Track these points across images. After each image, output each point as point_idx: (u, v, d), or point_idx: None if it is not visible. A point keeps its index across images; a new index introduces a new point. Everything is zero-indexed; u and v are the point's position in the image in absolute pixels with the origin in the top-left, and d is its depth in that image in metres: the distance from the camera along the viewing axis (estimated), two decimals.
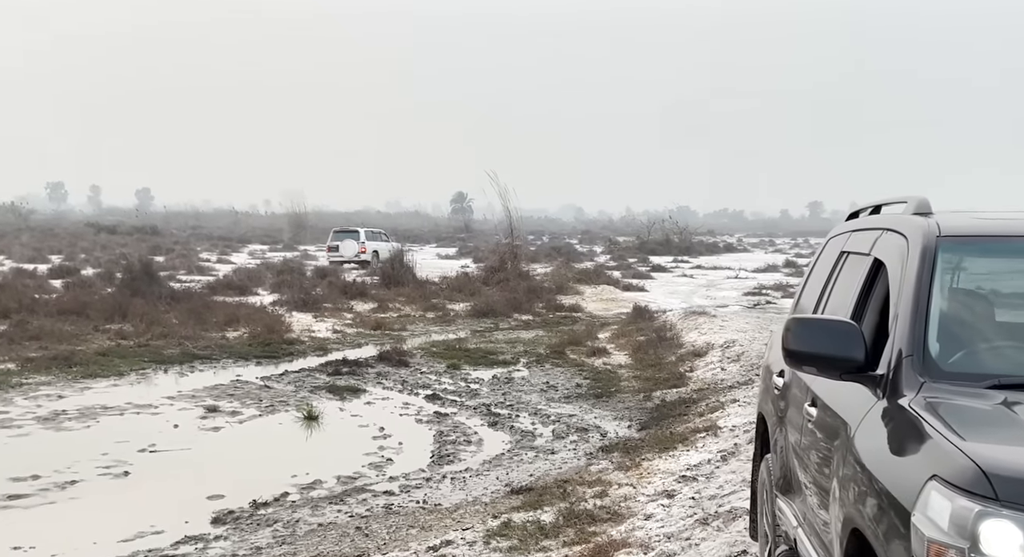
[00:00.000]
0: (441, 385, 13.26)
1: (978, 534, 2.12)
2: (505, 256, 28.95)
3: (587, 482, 7.98)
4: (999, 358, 3.01)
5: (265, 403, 11.79)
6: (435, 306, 22.89)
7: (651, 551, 5.83)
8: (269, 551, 6.69)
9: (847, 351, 3.02)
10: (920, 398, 2.74)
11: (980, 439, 2.37)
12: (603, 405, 11.90)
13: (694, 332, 16.52)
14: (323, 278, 28.23)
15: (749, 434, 8.66)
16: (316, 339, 17.55)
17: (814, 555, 3.45)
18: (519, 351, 16.35)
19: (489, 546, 6.53)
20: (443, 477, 8.66)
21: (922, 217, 3.41)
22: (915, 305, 3.01)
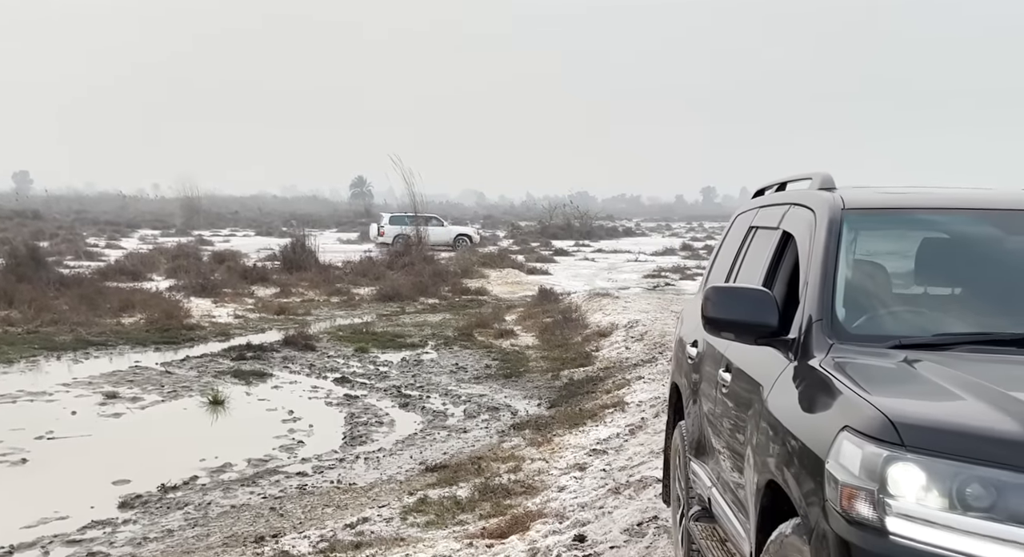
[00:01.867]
0: (350, 368, 13.21)
1: (886, 477, 2.31)
2: (410, 240, 28.83)
3: (500, 458, 8.13)
4: (898, 321, 3.24)
5: (167, 389, 11.54)
6: (339, 291, 22.69)
7: (566, 520, 6.01)
8: (181, 533, 6.61)
9: (762, 317, 3.21)
10: (829, 358, 2.94)
11: (886, 393, 2.57)
12: (513, 385, 12.08)
13: (598, 313, 16.86)
14: (221, 263, 27.66)
15: (655, 409, 8.98)
16: (217, 324, 17.21)
17: (728, 511, 3.65)
18: (427, 334, 16.39)
19: (406, 522, 6.62)
20: (356, 457, 8.68)
21: (827, 192, 3.63)
22: (823, 273, 3.21)
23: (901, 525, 2.28)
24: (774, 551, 2.83)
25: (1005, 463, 2.22)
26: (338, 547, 6.05)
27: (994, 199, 3.64)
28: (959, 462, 2.26)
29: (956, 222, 3.47)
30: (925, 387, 2.64)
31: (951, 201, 3.61)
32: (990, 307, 3.19)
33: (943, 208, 3.54)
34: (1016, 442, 2.25)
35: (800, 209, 3.70)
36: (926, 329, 3.12)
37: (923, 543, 2.25)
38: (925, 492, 2.27)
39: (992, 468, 2.22)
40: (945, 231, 3.49)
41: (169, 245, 37.23)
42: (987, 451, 2.25)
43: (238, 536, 6.49)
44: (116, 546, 6.34)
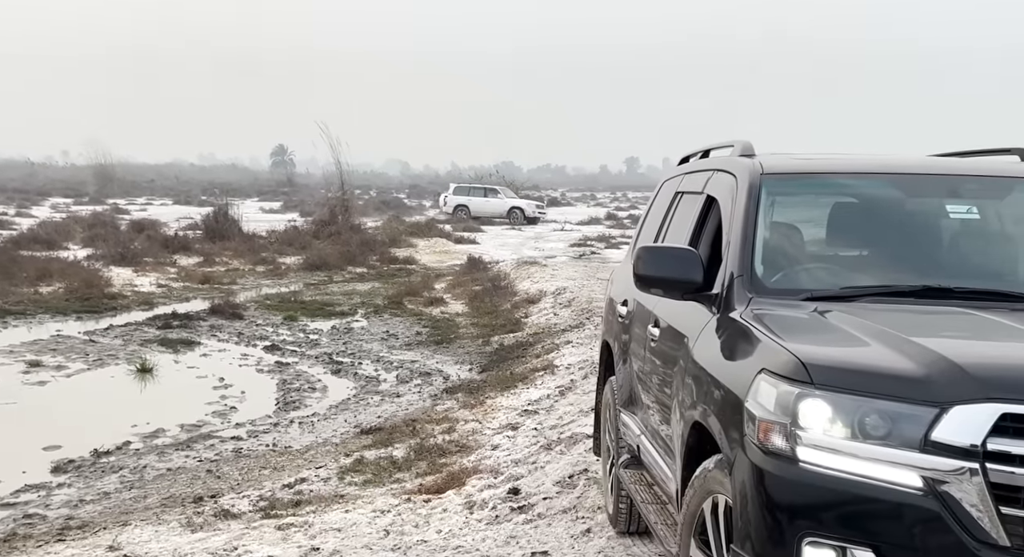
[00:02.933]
0: (279, 336, 13.25)
1: (797, 411, 2.60)
2: (336, 209, 28.70)
3: (435, 420, 8.35)
4: (811, 276, 3.55)
5: (92, 357, 11.46)
6: (265, 260, 22.56)
7: (500, 475, 6.28)
8: (118, 495, 6.70)
9: (688, 274, 3.48)
10: (749, 310, 3.23)
11: (799, 339, 2.86)
12: (444, 351, 12.30)
13: (527, 281, 17.15)
14: (140, 232, 27.16)
15: (584, 371, 9.30)
16: (140, 293, 17.04)
17: (656, 456, 3.95)
18: (356, 302, 16.48)
19: (344, 481, 6.81)
20: (291, 422, 8.81)
21: (748, 158, 3.91)
22: (743, 234, 3.50)
23: (809, 453, 2.57)
24: (698, 485, 3.11)
25: (899, 396, 2.52)
26: (278, 505, 6.22)
27: (899, 164, 3.97)
28: (860, 397, 2.55)
29: (865, 186, 3.78)
30: (833, 333, 2.94)
31: (861, 166, 3.93)
32: (893, 263, 3.51)
33: (853, 173, 3.85)
34: (909, 378, 2.55)
35: (723, 174, 3.97)
36: (835, 283, 3.43)
37: (828, 468, 2.55)
38: (831, 424, 2.57)
39: (888, 401, 2.52)
40: (854, 194, 3.80)
41: (83, 214, 36.36)
42: (884, 387, 2.55)
43: (176, 497, 6.60)
44: (52, 508, 6.40)
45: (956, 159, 4.09)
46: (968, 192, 3.69)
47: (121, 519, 6.02)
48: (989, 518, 2.40)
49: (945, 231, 3.66)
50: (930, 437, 2.46)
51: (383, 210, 42.60)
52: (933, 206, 3.68)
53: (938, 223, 3.67)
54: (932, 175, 3.76)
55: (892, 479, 2.48)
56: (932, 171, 3.81)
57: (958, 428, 2.44)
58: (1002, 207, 3.70)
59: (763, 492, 2.65)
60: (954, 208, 3.63)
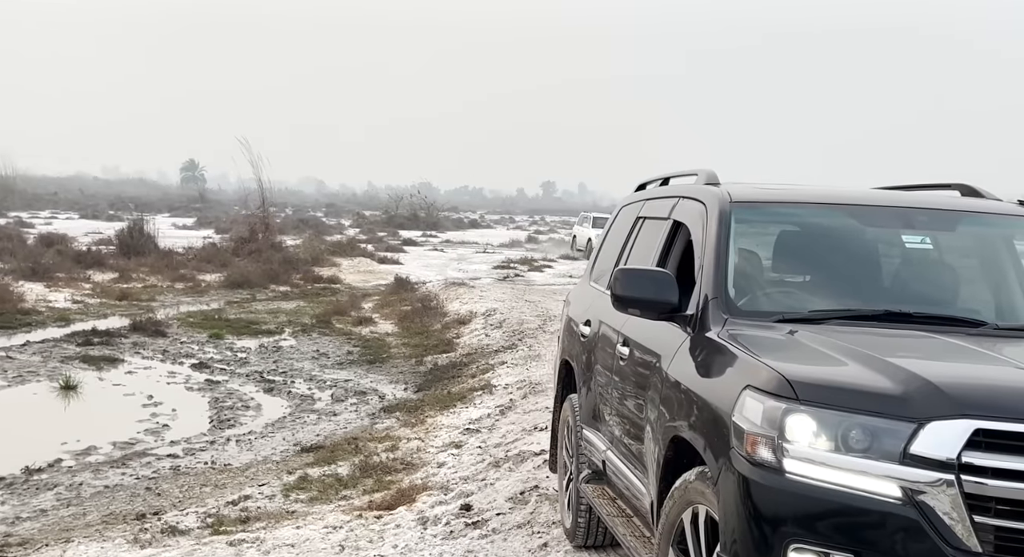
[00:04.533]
0: (206, 354, 13.02)
1: (784, 425, 2.76)
2: (256, 227, 28.28)
3: (376, 438, 8.35)
4: (778, 300, 3.74)
5: (12, 374, 11.08)
6: (183, 277, 22.09)
7: (451, 492, 6.33)
8: (56, 513, 6.53)
9: (664, 295, 3.64)
10: (725, 331, 3.39)
11: (780, 357, 3.03)
12: (377, 370, 12.27)
13: (456, 302, 17.21)
14: (50, 246, 26.31)
15: (522, 391, 9.42)
16: (55, 309, 16.50)
17: (624, 470, 4.07)
18: (283, 321, 16.28)
19: (289, 498, 6.77)
20: (227, 440, 8.69)
21: (714, 186, 4.11)
22: (716, 258, 3.67)
23: (796, 465, 2.73)
24: (678, 496, 3.25)
25: (879, 412, 2.71)
26: (225, 521, 6.15)
27: (858, 196, 4.22)
28: (843, 412, 2.73)
29: (826, 215, 4.01)
30: (809, 353, 3.12)
31: (822, 197, 4.16)
32: (856, 288, 3.74)
33: (815, 203, 4.08)
34: (888, 395, 2.74)
35: (690, 202, 4.16)
36: (803, 306, 3.63)
37: (813, 478, 2.71)
38: (815, 437, 2.74)
39: (869, 417, 2.71)
40: (817, 223, 4.02)
41: None
42: (865, 403, 2.73)
43: (117, 514, 6.46)
44: None
45: (909, 193, 4.37)
46: (921, 223, 3.95)
47: (63, 536, 5.88)
48: (963, 526, 2.59)
49: (902, 259, 3.92)
50: (908, 450, 2.64)
51: (301, 228, 42.05)
52: (890, 236, 3.93)
53: (895, 252, 3.92)
54: (889, 207, 4.01)
55: (873, 489, 2.65)
56: (889, 203, 4.07)
57: (935, 442, 2.63)
58: (952, 238, 3.98)
59: (751, 501, 2.80)
60: (909, 238, 3.88)
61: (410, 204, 55.97)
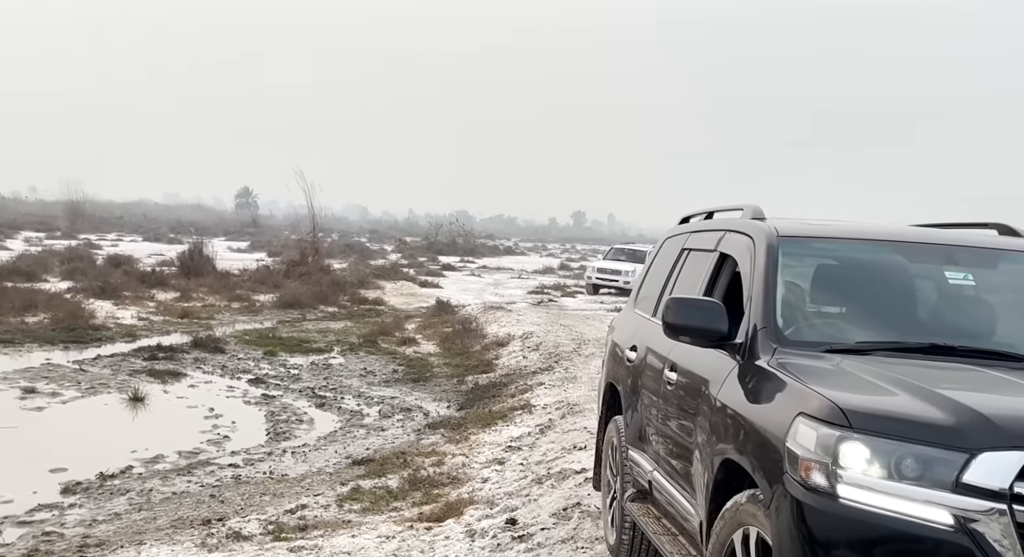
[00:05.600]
0: (262, 370, 13.11)
1: (838, 452, 2.71)
2: (306, 250, 28.51)
3: (423, 453, 8.34)
4: (824, 331, 3.70)
5: (85, 385, 11.22)
6: (239, 297, 22.29)
7: (496, 506, 6.30)
8: (128, 516, 6.57)
9: (715, 324, 3.61)
10: (775, 360, 3.35)
11: (831, 386, 2.99)
12: (421, 388, 12.27)
13: (494, 324, 17.21)
14: (117, 267, 26.69)
15: (561, 411, 9.37)
16: (123, 326, 16.70)
17: (672, 490, 4.02)
18: (332, 340, 16.36)
19: (343, 508, 6.76)
20: (284, 451, 8.72)
21: (761, 221, 4.08)
22: (765, 290, 3.64)
23: (849, 491, 2.69)
24: (729, 517, 3.20)
25: (932, 441, 2.66)
26: (285, 529, 6.15)
27: (900, 232, 4.17)
28: (896, 441, 2.68)
29: (869, 250, 3.97)
30: (860, 382, 3.07)
31: (865, 233, 4.12)
32: (900, 322, 3.69)
33: (858, 239, 4.04)
34: (940, 426, 2.69)
35: (737, 235, 4.13)
36: (849, 338, 3.58)
37: (866, 504, 2.66)
38: (869, 464, 2.69)
39: (922, 446, 2.66)
40: (861, 257, 3.98)
41: (58, 247, 35.56)
42: (918, 433, 2.68)
43: (184, 519, 6.49)
44: (68, 527, 6.27)
45: (949, 231, 4.32)
46: (964, 260, 3.89)
47: (136, 538, 5.92)
48: (1014, 553, 2.52)
49: (945, 294, 3.86)
50: (961, 479, 2.59)
51: (347, 253, 42.36)
52: (934, 271, 3.87)
53: (938, 287, 3.87)
54: (932, 244, 3.97)
55: (926, 516, 2.59)
56: (931, 240, 4.02)
57: (987, 472, 2.57)
58: (993, 275, 3.92)
59: (805, 525, 2.75)
60: (952, 274, 3.82)
61: (449, 231, 56.22)
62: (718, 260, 4.26)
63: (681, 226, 5.27)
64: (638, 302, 5.41)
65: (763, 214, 4.18)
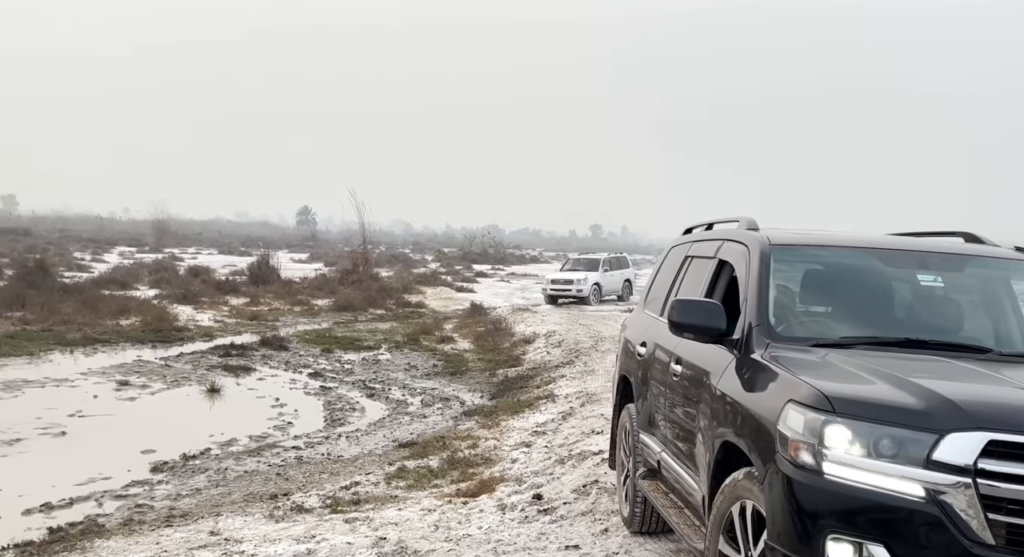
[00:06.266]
0: (320, 365, 13.22)
1: (823, 434, 2.71)
2: (358, 261, 28.70)
3: (460, 437, 8.36)
4: (810, 328, 3.68)
5: (170, 379, 11.39)
6: (300, 301, 22.50)
7: (524, 483, 6.30)
8: (208, 491, 6.66)
9: (715, 322, 3.60)
10: (768, 353, 3.34)
11: (817, 376, 2.98)
12: (458, 381, 12.30)
13: (521, 324, 17.21)
14: (196, 276, 27.06)
15: (581, 400, 9.35)
16: (201, 327, 16.93)
17: (678, 468, 4.01)
18: (380, 339, 16.46)
19: (391, 485, 6.80)
20: (339, 436, 8.78)
21: (755, 231, 4.06)
22: (759, 292, 3.63)
23: (833, 467, 2.68)
24: (728, 492, 3.19)
25: (904, 424, 2.64)
26: (341, 503, 6.20)
27: (877, 240, 4.14)
28: (874, 424, 2.67)
29: (851, 257, 3.94)
30: (842, 373, 3.06)
31: (846, 241, 4.09)
32: (878, 319, 3.66)
33: (840, 246, 4.01)
34: (913, 410, 2.67)
35: (734, 244, 4.12)
36: (833, 334, 3.56)
37: (848, 479, 2.65)
38: (850, 444, 2.68)
39: (897, 428, 2.65)
40: (843, 262, 3.95)
41: (147, 260, 36.11)
42: (892, 416, 2.67)
43: (255, 494, 6.57)
44: (157, 500, 6.37)
45: (920, 239, 4.27)
46: (934, 265, 3.85)
47: (214, 510, 6.00)
48: (979, 522, 2.51)
49: (918, 295, 3.82)
50: (931, 457, 2.57)
51: (393, 263, 42.55)
52: (908, 275, 3.84)
53: (912, 288, 3.83)
54: (905, 251, 3.94)
55: (901, 489, 2.58)
56: (905, 247, 3.99)
57: (954, 451, 2.56)
58: (959, 278, 3.87)
59: (794, 498, 2.74)
60: (924, 277, 3.78)
61: (481, 243, 56.27)
62: (717, 266, 4.25)
63: (685, 236, 5.25)
64: (647, 303, 5.40)
65: (757, 225, 4.16)
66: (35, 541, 5.40)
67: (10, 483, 6.59)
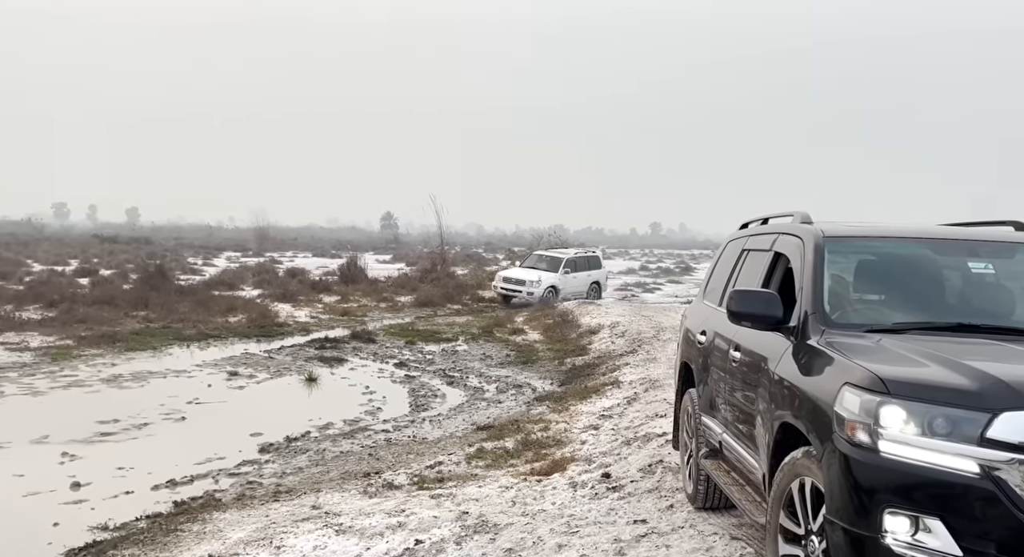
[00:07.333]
0: (404, 356, 13.44)
1: (879, 414, 2.65)
2: (436, 260, 29.07)
3: (532, 421, 8.40)
4: (864, 314, 3.58)
5: (273, 369, 11.77)
6: (385, 298, 22.89)
7: (593, 463, 6.30)
8: (309, 469, 6.87)
9: (772, 311, 3.54)
10: (823, 339, 3.27)
11: (872, 360, 2.91)
12: (529, 369, 12.35)
13: (587, 317, 17.14)
14: (294, 277, 27.83)
15: (644, 386, 9.26)
16: (298, 323, 17.40)
17: (739, 448, 3.96)
18: (457, 331, 16.63)
19: (471, 464, 6.88)
20: (423, 420, 8.93)
21: (808, 224, 3.98)
22: (814, 281, 3.55)
23: (888, 445, 2.62)
24: (787, 470, 3.14)
25: (959, 404, 2.57)
26: (427, 480, 6.32)
27: (928, 230, 4.00)
28: (927, 404, 2.60)
29: (903, 246, 3.82)
30: (896, 356, 2.97)
31: (898, 232, 3.96)
32: (930, 305, 3.54)
33: (892, 237, 3.89)
34: (965, 391, 2.59)
35: (789, 237, 4.04)
36: (886, 320, 3.46)
37: (903, 457, 2.59)
38: (905, 424, 2.61)
39: (951, 408, 2.57)
40: (895, 252, 3.83)
41: (250, 264, 37.36)
42: (946, 397, 2.60)
43: (350, 472, 6.75)
44: (264, 477, 6.61)
45: (971, 228, 4.11)
46: (985, 253, 3.70)
47: (314, 487, 6.19)
48: None
49: (969, 282, 3.68)
50: (985, 435, 2.50)
51: (468, 262, 42.93)
52: (958, 262, 3.70)
53: (963, 276, 3.69)
54: (956, 240, 3.80)
55: (956, 466, 2.51)
56: (955, 236, 3.85)
57: (1007, 429, 2.48)
58: (1011, 265, 3.71)
59: (851, 475, 2.69)
60: (974, 264, 3.64)
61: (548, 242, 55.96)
62: (773, 258, 4.17)
63: (741, 231, 5.16)
64: (706, 294, 5.33)
65: (811, 219, 4.07)
66: (163, 513, 5.68)
67: (140, 462, 6.95)
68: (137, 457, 7.10)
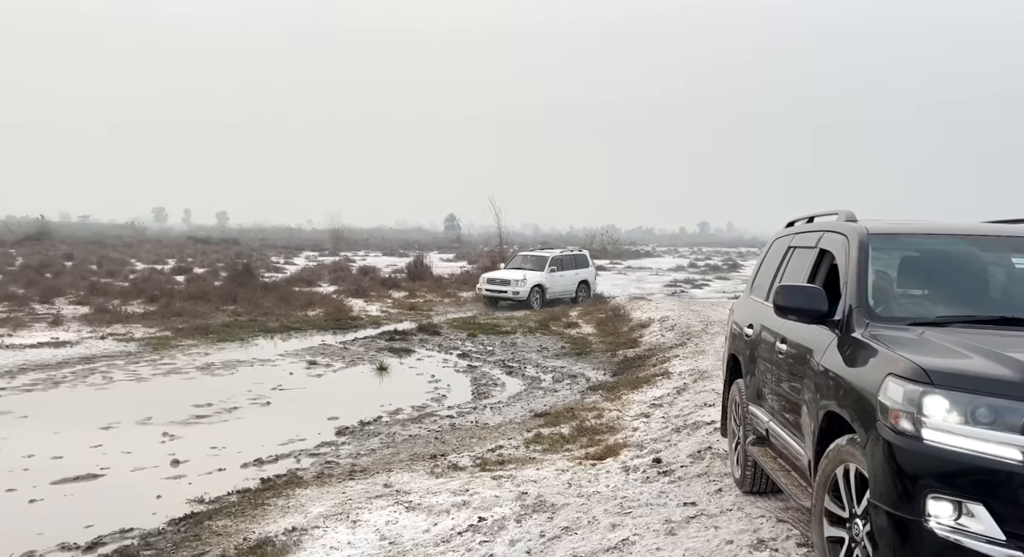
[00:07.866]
0: (466, 347, 13.59)
1: (922, 404, 2.59)
2: (496, 259, 29.20)
3: (587, 409, 8.40)
4: (908, 308, 3.49)
5: (347, 359, 12.05)
6: (449, 294, 23.16)
7: (644, 449, 6.27)
8: (381, 451, 7.03)
9: (817, 305, 3.49)
10: (867, 332, 3.21)
11: (915, 352, 2.84)
12: (583, 360, 12.33)
13: (637, 311, 17.00)
14: (365, 275, 28.42)
15: (694, 377, 9.15)
16: (370, 316, 17.75)
17: (785, 436, 3.91)
18: (515, 324, 16.70)
19: (529, 449, 6.92)
20: (485, 407, 9.02)
21: (853, 223, 3.89)
22: (859, 276, 3.48)
23: (932, 433, 2.56)
24: (832, 456, 3.10)
25: (1000, 394, 2.49)
26: (488, 463, 6.39)
27: (969, 227, 3.86)
28: (970, 394, 2.53)
29: (946, 243, 3.70)
30: (938, 348, 2.90)
31: (940, 229, 3.84)
32: (973, 299, 3.42)
33: (936, 234, 3.77)
34: (1006, 381, 2.52)
35: (834, 234, 3.95)
36: (930, 313, 3.36)
37: (946, 444, 2.53)
38: (948, 413, 2.55)
39: (991, 397, 2.50)
40: (939, 249, 3.71)
41: (327, 262, 38.30)
42: (987, 387, 2.53)
43: (418, 455, 6.87)
44: (341, 458, 6.79)
45: (1014, 225, 3.95)
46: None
47: (386, 467, 6.34)
48: None
49: (1012, 277, 3.54)
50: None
51: None
52: (1002, 259, 3.57)
53: (1007, 271, 3.56)
54: (999, 236, 3.66)
55: (999, 454, 2.45)
56: (999, 233, 3.71)
57: None
58: None
59: (895, 461, 2.64)
60: (1018, 260, 3.51)
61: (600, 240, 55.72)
62: (818, 255, 4.10)
63: (787, 228, 5.07)
64: (753, 290, 5.25)
65: (855, 217, 3.98)
66: (251, 489, 5.90)
67: (231, 442, 7.22)
68: (228, 438, 7.39)
